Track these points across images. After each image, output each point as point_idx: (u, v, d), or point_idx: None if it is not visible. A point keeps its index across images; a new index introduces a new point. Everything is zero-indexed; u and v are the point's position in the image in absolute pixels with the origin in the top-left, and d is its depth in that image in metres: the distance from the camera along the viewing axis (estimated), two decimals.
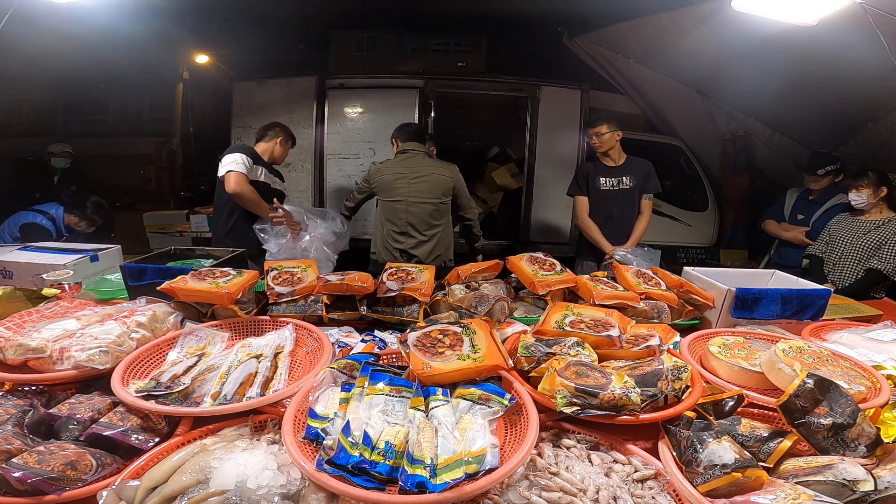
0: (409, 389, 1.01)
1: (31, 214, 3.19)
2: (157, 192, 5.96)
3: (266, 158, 2.81)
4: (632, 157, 2.99)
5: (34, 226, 3.15)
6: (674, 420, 1.02)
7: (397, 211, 2.79)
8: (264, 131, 2.89)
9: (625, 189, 2.92)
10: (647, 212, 2.94)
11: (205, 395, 1.09)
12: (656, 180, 2.94)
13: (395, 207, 2.78)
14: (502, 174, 5.28)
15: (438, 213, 2.82)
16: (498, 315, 1.62)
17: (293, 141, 2.98)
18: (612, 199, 2.95)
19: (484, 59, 4.78)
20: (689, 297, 1.75)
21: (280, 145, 2.88)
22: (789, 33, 2.49)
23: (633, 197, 2.92)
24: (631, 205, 2.93)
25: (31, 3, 2.62)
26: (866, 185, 2.53)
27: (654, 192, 2.95)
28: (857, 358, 1.31)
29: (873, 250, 2.53)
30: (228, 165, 2.54)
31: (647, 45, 3.92)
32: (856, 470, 0.86)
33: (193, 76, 5.66)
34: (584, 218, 3.01)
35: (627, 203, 2.93)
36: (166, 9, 3.85)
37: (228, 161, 2.55)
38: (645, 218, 2.93)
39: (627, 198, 2.93)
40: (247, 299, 1.61)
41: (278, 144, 2.87)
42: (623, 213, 2.93)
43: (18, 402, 1.06)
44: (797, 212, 3.19)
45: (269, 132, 2.87)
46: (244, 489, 0.82)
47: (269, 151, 2.85)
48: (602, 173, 2.96)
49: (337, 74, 4.65)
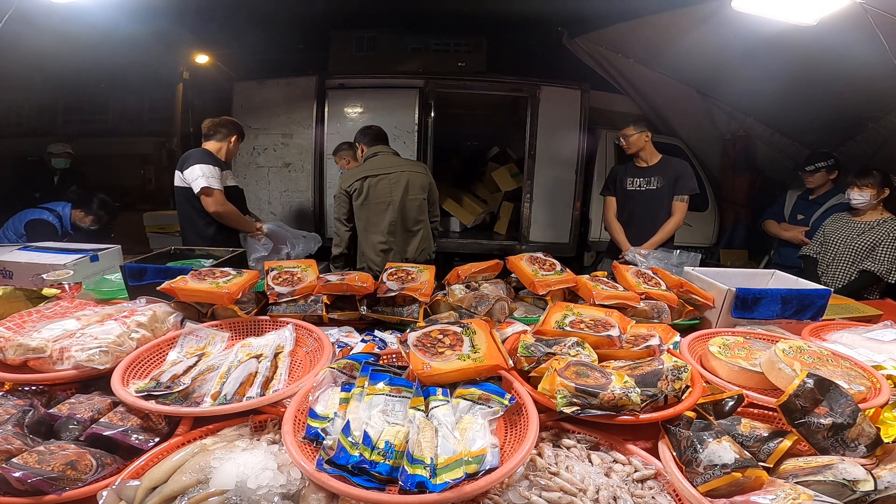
0: (409, 389, 1.01)
1: (38, 211, 3.20)
2: (157, 192, 5.97)
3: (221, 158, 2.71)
4: (667, 158, 2.90)
5: (40, 222, 3.15)
6: (674, 420, 1.02)
7: (381, 212, 2.74)
8: (215, 128, 2.72)
9: (652, 190, 2.84)
10: (678, 214, 2.80)
11: (205, 395, 1.09)
12: (691, 181, 2.82)
13: (379, 209, 2.73)
14: (502, 174, 5.28)
15: (422, 208, 2.83)
16: (498, 315, 1.62)
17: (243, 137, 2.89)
18: (636, 199, 2.90)
19: (484, 59, 4.78)
20: (689, 297, 1.75)
21: (234, 144, 2.77)
22: (789, 33, 2.49)
23: (662, 198, 2.82)
24: (658, 206, 2.83)
25: (31, 3, 2.62)
26: (870, 185, 2.49)
27: (690, 194, 2.82)
28: (857, 358, 1.31)
29: (867, 251, 2.50)
30: (200, 181, 2.46)
31: (647, 45, 3.92)
32: (856, 470, 0.86)
33: (193, 76, 5.66)
34: (609, 218, 2.99)
35: (654, 204, 2.84)
36: (166, 9, 3.85)
37: (197, 175, 2.47)
38: (674, 220, 2.80)
39: (654, 199, 2.84)
40: (247, 299, 1.61)
41: (232, 144, 2.75)
42: (648, 214, 2.85)
43: (18, 402, 1.06)
44: (797, 212, 3.19)
45: (222, 129, 2.72)
46: (244, 489, 0.82)
47: (223, 151, 2.72)
48: (631, 174, 2.93)
49: (337, 74, 4.66)
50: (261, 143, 4.78)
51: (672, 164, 2.87)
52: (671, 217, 2.81)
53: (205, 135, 2.74)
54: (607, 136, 4.76)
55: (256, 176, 4.81)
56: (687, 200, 2.82)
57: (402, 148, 4.63)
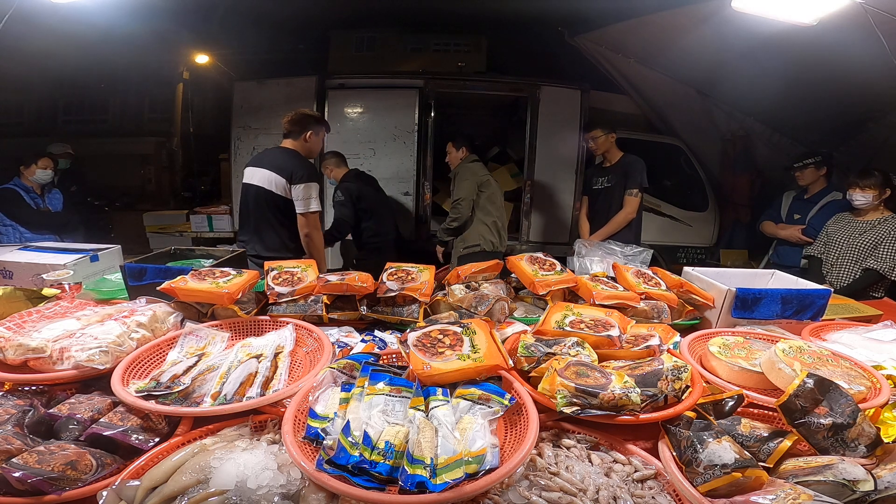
0: (409, 389, 1.01)
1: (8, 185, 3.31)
2: (157, 192, 5.96)
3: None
4: (625, 156, 3.04)
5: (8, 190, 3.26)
6: (674, 420, 1.02)
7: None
8: (290, 126, 2.48)
9: (608, 187, 3.02)
10: (627, 207, 2.97)
11: (205, 395, 1.09)
12: (640, 175, 2.95)
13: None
14: (502, 174, 5.28)
15: None
16: (498, 315, 1.62)
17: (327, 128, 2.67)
18: (599, 197, 3.10)
19: (484, 59, 4.78)
20: (689, 297, 1.75)
21: (311, 140, 2.53)
22: (789, 33, 2.49)
23: (616, 195, 2.99)
24: (611, 202, 3.01)
25: (31, 3, 2.62)
26: (872, 186, 2.50)
27: (639, 188, 2.95)
28: (857, 358, 1.31)
29: (870, 250, 2.52)
30: (313, 203, 2.33)
31: (647, 45, 3.92)
32: (856, 470, 0.86)
33: (193, 76, 5.66)
34: (580, 217, 3.20)
35: (608, 201, 3.03)
36: (166, 9, 3.85)
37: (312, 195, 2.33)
38: (623, 213, 2.96)
39: (609, 195, 3.02)
40: (247, 299, 1.61)
41: (309, 140, 2.52)
42: (606, 210, 3.04)
43: (18, 402, 1.06)
44: (793, 212, 3.21)
45: (297, 126, 2.48)
46: (244, 489, 0.82)
47: (308, 151, 2.53)
48: (596, 174, 3.13)
49: (337, 74, 4.65)
50: (261, 144, 4.77)
51: (625, 161, 3.02)
52: (621, 210, 2.98)
53: (285, 135, 2.51)
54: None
55: None
56: (636, 194, 2.96)
57: (402, 148, 4.64)
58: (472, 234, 3.22)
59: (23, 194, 3.28)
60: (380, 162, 4.68)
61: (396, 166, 4.67)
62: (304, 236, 2.44)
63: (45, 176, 3.38)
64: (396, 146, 4.64)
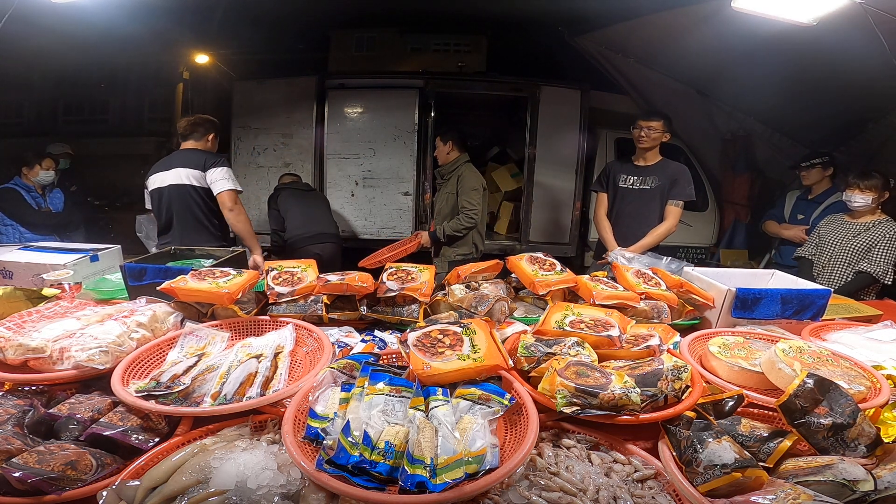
0: (409, 389, 1.01)
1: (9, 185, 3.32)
2: None
3: None
4: (666, 160, 2.77)
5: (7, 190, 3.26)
6: (674, 420, 1.02)
7: None
8: (193, 128, 2.62)
9: (646, 189, 2.72)
10: (671, 218, 2.67)
11: (205, 395, 1.08)
12: (689, 187, 2.69)
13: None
14: (502, 174, 5.28)
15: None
16: (498, 315, 1.62)
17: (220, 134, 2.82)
18: (628, 197, 2.77)
19: (484, 59, 4.78)
20: (688, 298, 1.75)
21: (212, 143, 2.69)
22: (789, 33, 2.49)
23: (654, 199, 2.70)
24: (649, 206, 2.71)
25: (31, 3, 2.62)
26: (872, 188, 2.45)
27: (686, 200, 2.68)
28: (857, 358, 1.31)
29: (863, 253, 2.49)
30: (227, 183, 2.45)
31: (647, 45, 3.92)
32: (856, 470, 0.86)
33: (193, 76, 5.66)
34: (598, 215, 2.88)
35: (645, 203, 2.72)
36: (166, 9, 3.85)
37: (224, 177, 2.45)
38: (665, 225, 2.67)
39: (646, 198, 2.72)
40: (247, 299, 1.61)
41: (210, 142, 2.67)
42: (638, 214, 2.73)
43: (18, 402, 1.06)
44: (797, 212, 3.20)
45: (200, 128, 2.63)
46: (244, 489, 0.82)
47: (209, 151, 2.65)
48: (625, 171, 2.80)
49: (337, 74, 4.66)
50: (261, 144, 4.78)
51: (671, 166, 2.75)
52: (663, 221, 2.69)
53: (183, 137, 2.65)
54: (607, 136, 4.76)
55: (256, 176, 4.81)
56: (681, 206, 2.69)
57: (402, 148, 4.64)
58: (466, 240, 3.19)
59: (24, 194, 3.29)
60: (380, 162, 4.68)
61: (396, 166, 4.68)
62: (227, 213, 2.50)
63: (48, 177, 3.39)
64: (396, 146, 4.64)
